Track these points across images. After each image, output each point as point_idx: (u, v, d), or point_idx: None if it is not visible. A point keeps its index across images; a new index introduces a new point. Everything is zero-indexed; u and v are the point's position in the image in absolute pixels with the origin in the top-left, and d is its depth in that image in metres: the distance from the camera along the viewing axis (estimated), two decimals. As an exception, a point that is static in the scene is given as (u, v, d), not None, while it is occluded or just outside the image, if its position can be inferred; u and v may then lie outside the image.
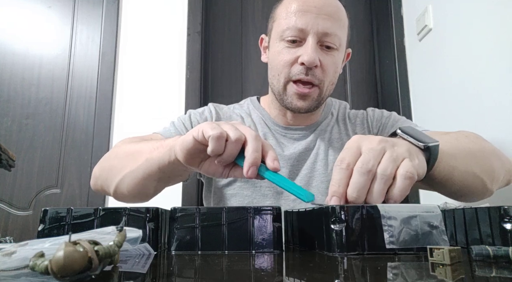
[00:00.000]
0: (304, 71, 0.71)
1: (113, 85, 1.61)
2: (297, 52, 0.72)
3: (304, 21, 0.70)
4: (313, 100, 0.75)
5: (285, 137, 0.82)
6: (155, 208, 0.42)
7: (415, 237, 0.38)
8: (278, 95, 0.77)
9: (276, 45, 0.75)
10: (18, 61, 1.62)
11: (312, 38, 0.70)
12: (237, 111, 0.87)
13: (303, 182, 0.79)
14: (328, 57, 0.73)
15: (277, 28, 0.75)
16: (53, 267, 0.22)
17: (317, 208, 0.42)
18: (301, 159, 0.80)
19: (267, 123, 0.84)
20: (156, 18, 1.67)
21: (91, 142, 1.56)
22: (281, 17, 0.75)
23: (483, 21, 1.08)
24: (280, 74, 0.74)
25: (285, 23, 0.73)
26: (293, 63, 0.72)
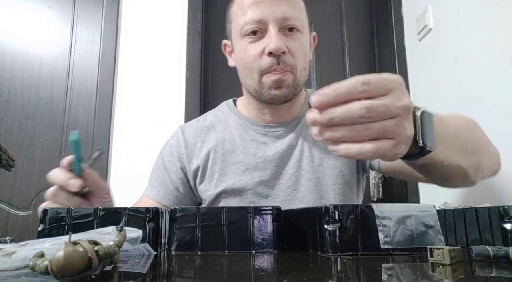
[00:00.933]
0: (275, 61, 0.70)
1: (113, 85, 1.61)
2: (261, 44, 0.71)
3: (260, 11, 0.70)
4: (289, 86, 0.73)
5: (266, 136, 0.80)
6: (155, 208, 0.42)
7: (410, 237, 0.38)
8: (255, 92, 0.75)
9: (240, 44, 0.74)
10: (18, 61, 1.61)
11: (272, 26, 0.70)
12: (208, 121, 0.85)
13: (290, 182, 0.76)
14: (294, 41, 0.72)
15: (235, 27, 0.75)
16: (53, 267, 0.22)
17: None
18: (285, 157, 0.78)
19: (244, 126, 0.82)
20: (156, 18, 1.67)
21: (91, 142, 1.56)
22: (237, 16, 0.74)
23: (483, 21, 1.08)
24: (253, 71, 0.72)
25: (241, 20, 0.72)
26: (260, 55, 0.71)
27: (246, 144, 0.79)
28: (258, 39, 0.72)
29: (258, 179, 0.76)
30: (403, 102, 0.37)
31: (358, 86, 0.36)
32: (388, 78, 0.37)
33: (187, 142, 0.82)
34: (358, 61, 1.76)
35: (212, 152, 0.79)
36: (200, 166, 0.79)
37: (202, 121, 0.85)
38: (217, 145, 0.80)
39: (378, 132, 0.36)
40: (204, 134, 0.82)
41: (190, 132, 0.84)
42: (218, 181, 0.78)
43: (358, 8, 1.82)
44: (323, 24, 1.79)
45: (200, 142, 0.81)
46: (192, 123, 0.87)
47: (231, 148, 0.79)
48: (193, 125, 0.85)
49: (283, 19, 0.70)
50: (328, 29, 1.79)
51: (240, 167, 0.77)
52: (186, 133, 0.83)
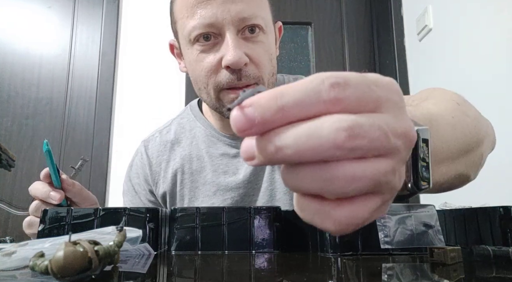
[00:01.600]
0: (235, 76, 0.56)
1: (113, 85, 1.61)
2: (217, 54, 0.57)
3: (211, 12, 0.55)
4: None
5: (236, 148, 0.69)
6: (155, 208, 0.42)
7: (411, 237, 0.38)
8: (214, 108, 0.64)
9: (189, 52, 0.60)
10: (18, 61, 1.62)
11: (228, 30, 0.55)
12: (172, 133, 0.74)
13: (265, 197, 0.68)
14: (257, 46, 0.58)
15: (181, 30, 0.60)
16: (53, 267, 0.22)
17: None
18: (257, 170, 0.68)
19: (213, 137, 0.71)
20: (156, 18, 1.67)
21: (91, 142, 1.56)
22: (181, 16, 0.59)
23: (483, 21, 1.08)
24: (208, 86, 0.59)
25: (189, 22, 0.57)
26: (217, 69, 0.57)
27: (214, 160, 0.70)
28: (212, 46, 0.57)
29: (231, 200, 0.68)
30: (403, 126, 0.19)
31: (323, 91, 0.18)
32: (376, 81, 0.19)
33: (151, 162, 0.72)
34: (358, 61, 1.76)
35: (179, 173, 0.70)
36: (167, 190, 0.70)
37: (166, 134, 0.74)
38: (184, 164, 0.70)
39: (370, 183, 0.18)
40: (168, 151, 0.72)
41: (154, 150, 0.73)
42: (189, 205, 0.70)
43: (358, 8, 1.82)
44: (323, 24, 1.79)
45: (165, 161, 0.71)
46: (155, 137, 0.75)
47: (199, 166, 0.70)
48: (156, 141, 0.74)
49: (241, 20, 0.56)
50: (328, 29, 1.79)
51: (210, 188, 0.69)
52: (149, 152, 0.73)
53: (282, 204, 0.67)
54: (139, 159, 0.75)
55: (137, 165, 0.75)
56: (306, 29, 1.80)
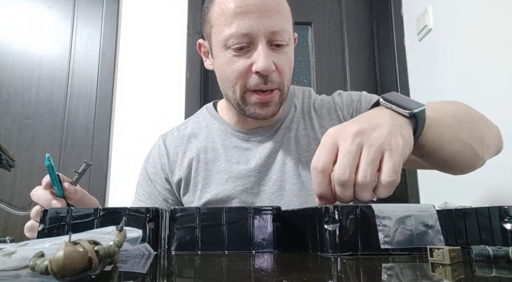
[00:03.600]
0: (262, 80, 0.65)
1: (113, 85, 1.61)
2: (248, 60, 0.65)
3: (248, 24, 0.63)
4: (276, 104, 0.70)
5: (249, 142, 0.77)
6: (155, 208, 0.42)
7: (410, 237, 0.38)
8: (237, 106, 0.71)
9: (223, 55, 0.68)
10: (18, 62, 1.62)
11: (261, 41, 0.64)
12: (189, 128, 0.81)
13: (275, 187, 0.74)
14: (282, 56, 0.67)
15: (218, 35, 0.67)
16: (53, 267, 0.22)
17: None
18: (268, 162, 0.75)
19: (226, 133, 0.78)
20: (156, 18, 1.67)
21: (91, 142, 1.56)
22: (219, 23, 0.66)
23: (483, 21, 1.08)
24: (235, 86, 0.68)
25: (226, 30, 0.65)
26: (247, 73, 0.66)
27: (228, 152, 0.77)
28: (245, 52, 0.66)
29: (242, 187, 0.73)
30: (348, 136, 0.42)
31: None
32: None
33: (169, 153, 0.79)
34: (358, 61, 1.76)
35: (195, 161, 0.77)
36: (182, 177, 0.77)
37: (183, 130, 0.82)
38: (199, 154, 0.77)
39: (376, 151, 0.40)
40: (185, 143, 0.79)
41: (171, 142, 0.80)
42: (202, 192, 0.75)
43: (358, 8, 1.82)
44: (323, 24, 1.79)
45: (182, 152, 0.78)
46: (173, 132, 0.83)
47: (213, 156, 0.77)
48: (174, 135, 0.82)
49: (271, 34, 0.65)
50: (328, 29, 1.79)
51: (223, 175, 0.75)
52: (167, 144, 0.80)
53: (291, 194, 0.73)
54: (157, 151, 0.81)
55: (154, 156, 0.81)
56: (306, 29, 1.80)
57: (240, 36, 0.64)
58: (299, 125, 0.78)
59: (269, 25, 0.64)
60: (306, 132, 0.77)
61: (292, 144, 0.76)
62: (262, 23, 0.63)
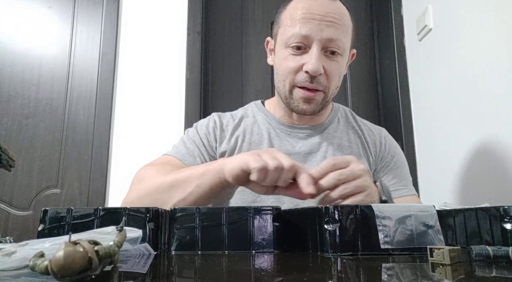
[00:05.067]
0: (309, 79, 0.74)
1: (113, 85, 1.61)
2: (301, 60, 0.74)
3: (308, 28, 0.72)
4: (318, 103, 0.78)
5: (290, 136, 0.84)
6: (155, 208, 0.42)
7: (410, 237, 0.38)
8: (284, 99, 0.80)
9: (282, 52, 0.77)
10: (18, 61, 1.62)
11: (316, 45, 0.72)
12: (240, 114, 0.89)
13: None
14: (333, 63, 0.75)
15: (282, 34, 0.77)
16: (53, 267, 0.22)
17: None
18: (307, 159, 0.82)
19: (271, 123, 0.86)
20: (156, 18, 1.67)
21: (91, 142, 1.56)
22: (286, 24, 0.76)
23: (483, 21, 1.08)
24: (285, 80, 0.77)
25: (289, 30, 0.74)
26: (298, 70, 0.75)
27: (272, 139, 0.84)
28: (301, 53, 0.74)
29: None
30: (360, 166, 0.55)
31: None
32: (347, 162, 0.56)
33: (222, 127, 0.86)
34: (358, 61, 1.76)
35: (240, 139, 0.84)
36: (227, 150, 0.83)
37: (235, 114, 0.90)
38: (245, 133, 0.85)
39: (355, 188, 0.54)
40: (236, 124, 0.87)
41: (225, 120, 0.88)
42: None
43: (358, 8, 1.82)
44: (323, 24, 1.79)
45: (232, 129, 0.86)
46: (226, 114, 0.91)
47: (257, 139, 0.84)
48: (227, 116, 0.90)
49: (327, 40, 0.72)
50: (328, 29, 1.79)
51: None
52: (221, 119, 0.88)
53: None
54: (212, 122, 0.87)
55: (209, 126, 0.86)
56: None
57: (299, 36, 0.73)
58: (343, 137, 0.87)
59: (327, 33, 0.72)
60: (349, 144, 0.86)
61: (333, 150, 0.84)
62: (320, 29, 0.72)
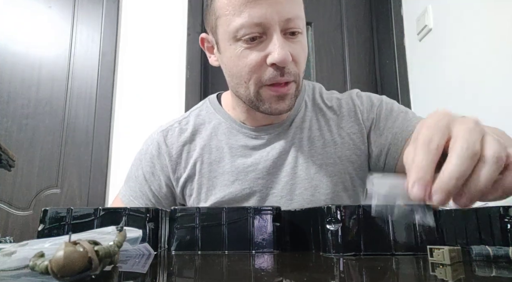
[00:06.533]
0: (278, 72, 0.60)
1: (113, 85, 1.61)
2: (262, 52, 0.60)
3: (260, 12, 0.57)
4: (291, 98, 0.64)
5: (256, 140, 0.71)
6: (155, 208, 0.42)
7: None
8: (249, 102, 0.65)
9: (232, 48, 0.61)
10: (18, 62, 1.62)
11: (275, 31, 0.59)
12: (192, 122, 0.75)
13: (284, 191, 0.69)
14: (296, 45, 0.62)
15: (225, 26, 0.61)
16: (53, 267, 0.22)
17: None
18: (278, 164, 0.70)
19: (232, 128, 0.73)
20: (156, 18, 1.67)
21: (91, 142, 1.56)
22: (227, 12, 0.60)
23: (483, 21, 1.08)
24: (249, 82, 0.62)
25: (235, 20, 0.59)
26: (260, 65, 0.60)
27: (234, 151, 0.71)
28: (257, 44, 0.60)
29: (249, 190, 0.69)
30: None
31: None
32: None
33: (171, 153, 0.72)
34: (358, 61, 1.76)
35: (199, 162, 0.71)
36: (187, 178, 0.72)
37: (185, 125, 0.75)
38: (203, 154, 0.72)
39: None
40: (188, 141, 0.73)
41: (174, 139, 0.74)
42: (207, 194, 0.71)
43: (358, 8, 1.82)
44: (323, 24, 1.79)
45: (186, 151, 0.73)
46: (174, 127, 0.75)
47: (218, 156, 0.71)
48: (176, 131, 0.75)
49: (287, 21, 0.59)
50: (328, 29, 1.79)
51: (229, 177, 0.70)
52: (168, 141, 0.73)
53: (302, 199, 0.68)
54: (155, 149, 0.74)
55: (153, 156, 0.74)
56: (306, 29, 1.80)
57: (251, 26, 0.58)
58: (313, 125, 0.73)
59: (283, 13, 0.59)
60: (320, 133, 0.72)
61: (304, 145, 0.71)
62: (275, 11, 0.58)
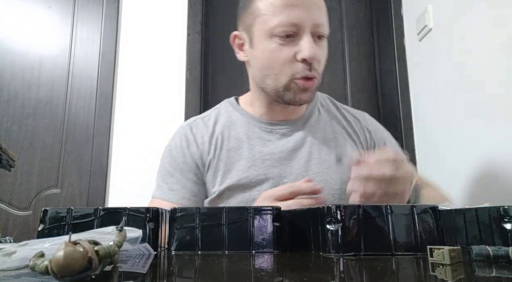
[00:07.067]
0: (308, 67, 0.71)
1: (113, 85, 1.61)
2: (293, 49, 0.71)
3: (297, 15, 0.69)
4: (312, 91, 0.75)
5: (271, 134, 0.80)
6: (155, 208, 0.42)
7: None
8: (274, 92, 0.75)
9: (266, 43, 0.72)
10: (18, 61, 1.61)
11: (306, 32, 0.70)
12: (213, 117, 0.84)
13: (298, 181, 0.74)
14: (320, 48, 0.74)
15: (263, 24, 0.72)
16: (53, 267, 0.22)
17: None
18: (292, 156, 0.78)
19: (249, 123, 0.82)
20: (156, 18, 1.67)
21: (91, 142, 1.56)
22: (266, 13, 0.71)
23: (483, 21, 1.08)
24: (280, 73, 0.72)
25: (274, 19, 0.70)
26: (291, 60, 0.71)
27: (251, 141, 0.79)
28: (290, 42, 0.71)
29: (264, 176, 0.76)
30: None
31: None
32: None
33: (197, 140, 0.81)
34: (358, 61, 1.76)
35: (218, 149, 0.79)
36: (209, 163, 0.79)
37: (207, 120, 0.85)
38: (223, 141, 0.80)
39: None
40: (211, 131, 0.82)
41: (198, 130, 0.83)
42: (223, 178, 0.77)
43: (358, 8, 1.82)
44: (323, 24, 1.79)
45: (208, 140, 0.81)
46: (197, 121, 0.85)
47: (236, 144, 0.79)
48: (199, 123, 0.84)
49: (317, 26, 0.71)
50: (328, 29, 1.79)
51: (245, 163, 0.77)
52: (194, 132, 0.83)
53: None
54: (184, 140, 0.82)
55: (182, 146, 0.82)
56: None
57: (288, 25, 0.70)
58: (327, 128, 0.83)
59: (315, 18, 0.71)
60: (334, 136, 0.82)
61: (319, 143, 0.80)
62: (309, 16, 0.70)
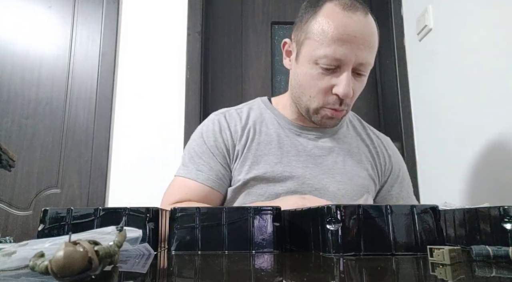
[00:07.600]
0: (338, 102, 0.74)
1: (113, 85, 1.61)
2: (331, 81, 0.73)
3: (343, 52, 0.70)
4: (339, 120, 0.80)
5: (300, 137, 0.83)
6: (155, 208, 0.42)
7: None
8: (305, 111, 0.79)
9: (309, 67, 0.74)
10: (18, 62, 1.61)
11: (347, 69, 0.71)
12: (246, 111, 0.87)
13: (319, 185, 0.79)
14: (358, 83, 0.75)
15: (310, 49, 0.73)
16: (53, 267, 0.22)
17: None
18: (318, 162, 0.81)
19: (280, 123, 0.85)
20: (156, 18, 1.67)
21: (91, 142, 1.56)
22: (317, 39, 0.72)
23: (483, 21, 1.08)
24: (313, 99, 0.76)
25: (322, 49, 0.71)
26: (327, 91, 0.74)
27: (281, 139, 0.82)
28: (330, 73, 0.72)
29: (289, 173, 0.78)
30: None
31: None
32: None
33: (230, 128, 0.83)
34: (358, 61, 1.76)
35: (249, 140, 0.82)
36: (239, 150, 0.81)
37: (240, 112, 0.87)
38: (255, 134, 0.82)
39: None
40: (244, 122, 0.84)
41: (231, 119, 0.85)
42: (250, 168, 0.79)
43: (358, 8, 1.82)
44: (323, 24, 1.79)
45: (241, 129, 0.83)
46: (230, 111, 0.87)
47: (266, 139, 0.82)
48: (233, 113, 0.86)
49: (359, 64, 0.72)
50: (328, 29, 1.79)
51: (273, 158, 0.80)
52: (228, 119, 0.85)
53: (332, 196, 0.78)
54: (217, 125, 0.84)
55: (215, 131, 0.83)
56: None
57: (332, 59, 0.71)
58: (353, 143, 0.87)
59: (360, 58, 0.71)
60: (358, 151, 0.86)
61: (344, 155, 0.83)
62: (355, 54, 0.70)
